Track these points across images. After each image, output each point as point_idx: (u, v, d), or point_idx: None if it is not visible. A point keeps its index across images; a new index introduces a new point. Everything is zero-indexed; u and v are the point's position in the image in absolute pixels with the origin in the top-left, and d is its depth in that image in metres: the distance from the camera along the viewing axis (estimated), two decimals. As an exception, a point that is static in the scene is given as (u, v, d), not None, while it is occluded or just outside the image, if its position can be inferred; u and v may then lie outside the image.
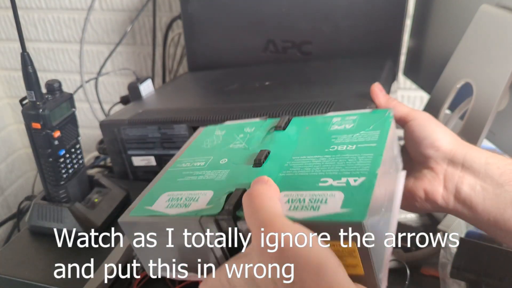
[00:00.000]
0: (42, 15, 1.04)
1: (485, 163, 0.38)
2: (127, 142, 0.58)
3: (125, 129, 0.58)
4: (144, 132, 0.57)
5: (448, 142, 0.40)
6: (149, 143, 0.57)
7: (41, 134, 0.46)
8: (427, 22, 0.70)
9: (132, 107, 0.65)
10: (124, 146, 0.59)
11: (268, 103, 0.53)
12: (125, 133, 0.58)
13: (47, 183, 0.49)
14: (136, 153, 0.59)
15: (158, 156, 0.58)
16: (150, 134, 0.57)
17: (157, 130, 0.56)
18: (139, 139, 0.58)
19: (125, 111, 0.63)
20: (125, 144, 0.59)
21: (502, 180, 0.37)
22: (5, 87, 1.17)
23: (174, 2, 0.95)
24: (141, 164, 0.60)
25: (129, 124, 0.57)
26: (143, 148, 0.58)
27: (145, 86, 0.70)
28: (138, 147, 0.58)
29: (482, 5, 0.52)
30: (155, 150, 0.58)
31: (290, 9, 0.70)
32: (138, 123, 0.57)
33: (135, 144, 0.58)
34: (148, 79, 0.71)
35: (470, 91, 0.51)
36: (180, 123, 0.54)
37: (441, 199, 0.40)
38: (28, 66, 0.43)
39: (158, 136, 0.56)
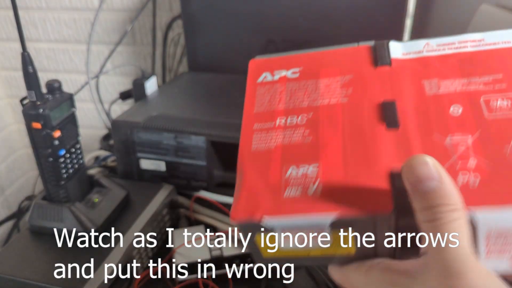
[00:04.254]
0: (43, 15, 1.04)
1: None
2: (139, 145, 0.58)
3: (138, 132, 0.57)
4: (158, 138, 0.57)
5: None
6: (162, 149, 0.58)
7: (41, 134, 0.46)
8: (427, 22, 0.70)
9: (142, 107, 0.65)
10: (134, 148, 0.59)
11: None
12: (137, 135, 0.58)
13: (47, 183, 0.49)
14: (146, 157, 0.59)
15: (170, 163, 0.58)
16: (165, 140, 0.57)
17: (173, 138, 0.56)
18: (151, 144, 0.58)
19: (136, 111, 0.62)
20: (136, 147, 0.58)
21: None
22: (5, 87, 1.17)
23: (174, 2, 0.95)
24: (149, 168, 0.60)
25: (143, 127, 0.57)
26: (155, 153, 0.58)
27: (150, 83, 0.69)
28: (150, 151, 0.58)
29: (482, 5, 0.52)
30: (167, 157, 0.58)
31: (290, 9, 0.70)
32: (153, 128, 0.57)
33: (147, 148, 0.58)
34: (153, 76, 0.70)
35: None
36: (199, 135, 0.55)
37: None
38: (29, 66, 0.43)
39: (174, 144, 0.56)
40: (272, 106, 0.32)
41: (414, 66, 0.31)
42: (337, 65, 0.33)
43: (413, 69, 0.31)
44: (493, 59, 0.30)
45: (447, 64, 0.30)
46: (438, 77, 0.30)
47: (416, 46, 0.33)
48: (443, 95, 0.29)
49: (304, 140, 0.29)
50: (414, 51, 0.33)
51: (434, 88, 0.29)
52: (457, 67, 0.30)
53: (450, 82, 0.29)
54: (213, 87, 0.74)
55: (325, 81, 0.32)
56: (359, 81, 0.31)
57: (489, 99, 0.28)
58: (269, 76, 0.34)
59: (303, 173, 0.27)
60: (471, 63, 0.30)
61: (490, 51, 0.30)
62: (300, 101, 0.32)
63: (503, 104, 0.27)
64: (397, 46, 0.33)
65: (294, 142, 0.29)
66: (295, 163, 0.28)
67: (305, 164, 0.28)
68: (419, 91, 0.29)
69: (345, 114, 0.30)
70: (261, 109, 0.32)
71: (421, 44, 0.33)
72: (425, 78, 0.30)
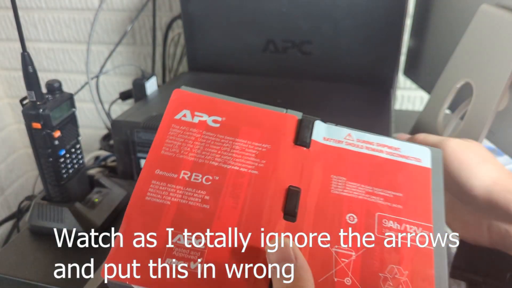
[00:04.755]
0: (42, 15, 1.04)
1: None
2: (139, 145, 0.58)
3: (138, 132, 0.57)
4: None
5: (485, 189, 0.33)
6: None
7: (42, 134, 0.46)
8: (427, 22, 0.70)
9: (142, 107, 0.65)
10: (135, 148, 0.59)
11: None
12: (138, 136, 0.57)
13: (47, 183, 0.49)
14: (146, 157, 0.59)
15: None
16: None
17: None
18: (151, 144, 0.57)
19: (136, 111, 0.62)
20: (136, 147, 0.58)
21: None
22: (5, 87, 1.17)
23: (174, 2, 0.95)
24: None
25: (143, 127, 0.57)
26: None
27: (150, 83, 0.69)
28: None
29: (482, 5, 0.52)
30: None
31: (290, 9, 0.70)
32: (153, 129, 0.56)
33: (147, 148, 0.58)
34: (153, 76, 0.70)
35: (470, 91, 0.51)
36: None
37: (489, 244, 0.35)
38: (29, 66, 0.43)
39: None
40: (181, 153, 0.31)
41: (330, 156, 0.32)
42: (259, 127, 0.32)
43: (328, 159, 0.32)
44: (401, 174, 0.31)
45: (359, 166, 0.31)
46: (347, 177, 0.31)
47: (338, 134, 0.33)
48: (345, 197, 0.30)
49: (202, 205, 0.28)
50: (335, 139, 0.33)
51: (340, 187, 0.30)
52: (367, 172, 0.31)
53: (356, 186, 0.30)
54: (212, 87, 0.74)
55: (242, 143, 0.31)
56: (274, 155, 0.31)
57: (383, 216, 0.29)
58: (188, 115, 0.32)
59: (190, 245, 0.27)
60: (380, 171, 0.31)
61: (401, 164, 0.32)
62: (211, 158, 0.31)
63: (394, 227, 0.28)
64: (321, 128, 0.33)
65: (191, 204, 0.28)
66: (185, 229, 0.27)
67: (194, 233, 0.27)
68: (325, 186, 0.30)
69: (250, 187, 0.29)
70: (169, 152, 0.31)
71: (343, 134, 0.33)
72: (335, 173, 0.31)
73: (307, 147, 0.32)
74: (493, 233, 0.34)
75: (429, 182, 0.31)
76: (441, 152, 0.33)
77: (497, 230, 0.33)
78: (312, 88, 0.70)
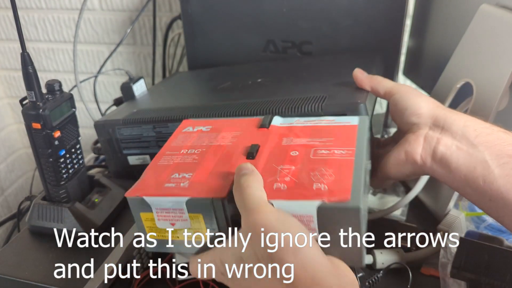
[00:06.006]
0: (42, 15, 1.04)
1: (463, 126, 0.41)
2: (122, 142, 0.58)
3: (120, 129, 0.57)
4: (139, 132, 0.57)
5: (430, 108, 0.44)
6: (144, 142, 0.57)
7: (41, 134, 0.46)
8: (427, 22, 0.70)
9: (126, 107, 0.65)
10: (119, 146, 0.59)
11: (261, 100, 0.53)
12: (120, 133, 0.58)
13: (47, 183, 0.49)
14: (132, 153, 0.59)
15: (153, 155, 0.58)
16: (145, 133, 0.57)
17: (152, 129, 0.56)
18: (134, 139, 0.58)
19: (119, 111, 0.63)
20: (120, 144, 0.59)
21: (476, 141, 0.40)
22: (5, 87, 1.17)
23: (174, 2, 0.95)
24: (136, 163, 0.60)
25: (123, 124, 0.57)
26: (139, 147, 0.58)
27: (138, 86, 0.70)
28: (134, 147, 0.58)
29: (482, 5, 0.52)
30: (150, 149, 0.58)
31: (290, 9, 0.70)
32: (132, 123, 0.57)
33: (130, 144, 0.58)
34: (141, 78, 0.71)
35: (470, 91, 0.51)
36: (175, 121, 0.54)
37: (419, 159, 0.43)
38: (28, 66, 0.43)
39: (153, 135, 0.56)
40: (183, 143, 0.45)
41: (283, 130, 0.44)
42: (235, 126, 0.47)
43: (281, 132, 0.44)
44: (334, 131, 0.42)
45: (304, 130, 0.43)
46: (294, 136, 0.43)
47: (290, 120, 0.46)
48: (291, 145, 0.41)
49: (192, 161, 0.41)
50: (288, 123, 0.46)
51: (288, 142, 0.42)
52: (309, 132, 0.43)
53: (299, 140, 0.42)
54: (201, 81, 0.74)
55: (223, 133, 0.46)
56: (243, 135, 0.45)
57: (318, 149, 0.39)
58: (191, 128, 0.48)
59: (182, 176, 0.39)
60: (319, 131, 0.43)
61: (335, 127, 0.43)
62: (202, 142, 0.45)
63: (325, 152, 0.39)
64: (278, 119, 0.47)
65: (185, 162, 0.41)
66: (180, 171, 0.40)
67: (185, 172, 0.39)
68: (278, 143, 0.42)
69: (225, 150, 0.42)
70: (176, 144, 0.45)
71: (294, 119, 0.46)
72: (285, 136, 0.43)
73: (267, 128, 0.45)
74: (426, 142, 0.43)
75: (355, 131, 0.41)
76: (368, 118, 0.44)
77: (430, 138, 0.42)
78: (304, 84, 0.70)
